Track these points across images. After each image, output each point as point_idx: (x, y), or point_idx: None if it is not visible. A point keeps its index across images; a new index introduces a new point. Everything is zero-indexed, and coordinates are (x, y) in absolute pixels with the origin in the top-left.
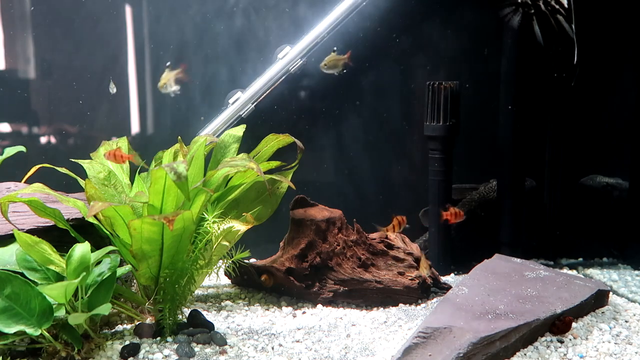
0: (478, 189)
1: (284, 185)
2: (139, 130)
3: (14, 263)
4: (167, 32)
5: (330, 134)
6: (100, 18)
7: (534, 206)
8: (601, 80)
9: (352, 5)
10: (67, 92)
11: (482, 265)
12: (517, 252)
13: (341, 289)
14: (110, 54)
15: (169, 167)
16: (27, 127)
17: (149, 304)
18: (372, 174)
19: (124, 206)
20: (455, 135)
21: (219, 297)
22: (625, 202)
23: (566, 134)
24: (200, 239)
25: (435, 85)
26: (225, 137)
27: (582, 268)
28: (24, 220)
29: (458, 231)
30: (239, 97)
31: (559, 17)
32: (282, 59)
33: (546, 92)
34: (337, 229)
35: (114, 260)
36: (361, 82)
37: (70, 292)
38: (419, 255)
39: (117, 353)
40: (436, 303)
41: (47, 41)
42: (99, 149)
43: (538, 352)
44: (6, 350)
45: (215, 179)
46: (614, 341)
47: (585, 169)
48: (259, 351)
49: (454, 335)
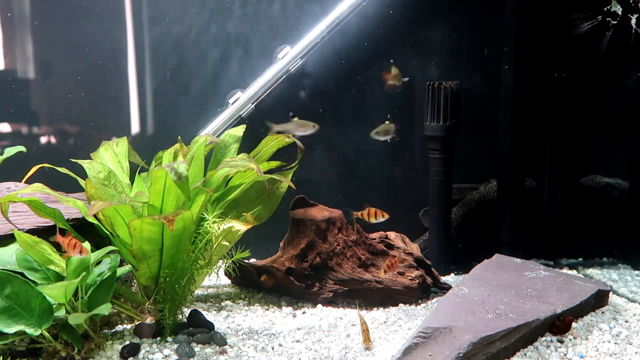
0: (478, 189)
1: (284, 185)
2: (139, 130)
3: (14, 263)
4: (167, 32)
5: (330, 134)
6: (101, 18)
7: (534, 206)
8: (601, 81)
9: (352, 5)
10: (68, 92)
11: (482, 265)
12: (517, 252)
13: (341, 289)
14: (110, 54)
15: (170, 167)
16: (27, 127)
17: (149, 304)
18: (372, 173)
19: (124, 206)
20: (455, 135)
21: (219, 297)
22: (625, 202)
23: (566, 134)
24: (200, 239)
25: (435, 85)
26: (225, 137)
27: (582, 268)
28: (24, 220)
29: (458, 231)
30: (239, 97)
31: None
32: (282, 59)
33: (546, 92)
34: (337, 229)
35: (114, 260)
36: (360, 83)
37: (70, 292)
38: (419, 255)
39: (117, 353)
40: (436, 303)
41: (47, 41)
42: (99, 149)
43: (538, 352)
44: (6, 350)
45: (215, 179)
46: (614, 341)
47: (585, 169)
48: (259, 351)
49: (454, 335)
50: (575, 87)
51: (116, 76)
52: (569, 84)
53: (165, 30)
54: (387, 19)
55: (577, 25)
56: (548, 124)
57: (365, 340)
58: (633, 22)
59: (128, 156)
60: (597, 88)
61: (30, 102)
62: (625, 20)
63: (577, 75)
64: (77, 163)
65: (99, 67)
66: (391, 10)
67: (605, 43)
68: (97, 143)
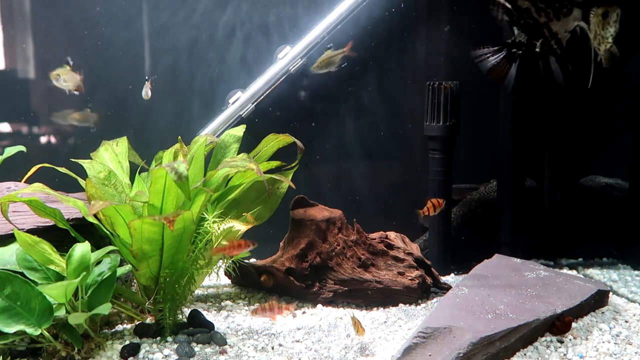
0: (478, 189)
1: (284, 185)
2: (139, 130)
3: (14, 263)
4: (167, 32)
5: (330, 134)
6: (100, 18)
7: (533, 206)
8: (601, 81)
9: (352, 5)
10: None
11: (482, 265)
12: (517, 252)
13: (341, 289)
14: (110, 54)
15: (170, 167)
16: (27, 127)
17: (149, 304)
18: (372, 173)
19: (125, 205)
20: (455, 135)
21: (219, 297)
22: (624, 202)
23: (566, 135)
24: (200, 238)
25: (435, 85)
26: (225, 137)
27: (582, 268)
28: (24, 220)
29: (458, 231)
30: (239, 97)
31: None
32: (282, 59)
33: (546, 93)
34: (337, 229)
35: (114, 260)
36: (361, 82)
37: (71, 291)
38: (419, 255)
39: (117, 353)
40: (436, 303)
41: (47, 41)
42: (99, 148)
43: (538, 352)
44: (6, 350)
45: (216, 179)
46: (613, 341)
47: (585, 169)
48: (259, 351)
49: (454, 335)
50: (574, 87)
51: (116, 76)
52: (570, 85)
53: (165, 29)
54: (387, 18)
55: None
56: (548, 124)
57: (359, 330)
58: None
59: (128, 156)
60: (596, 88)
61: (30, 102)
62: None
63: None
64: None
65: (99, 67)
66: (390, 10)
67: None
68: (97, 143)
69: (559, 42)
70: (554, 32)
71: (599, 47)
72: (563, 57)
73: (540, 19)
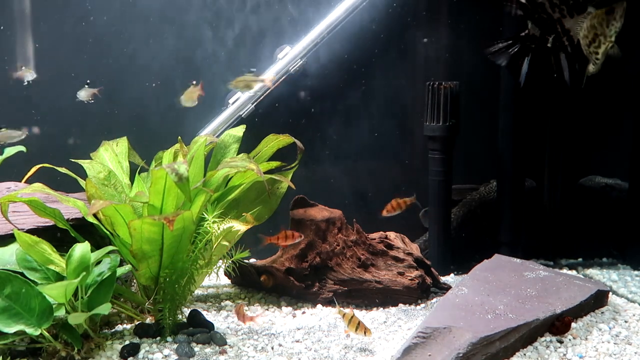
0: (478, 190)
1: (284, 186)
2: (139, 130)
3: (14, 263)
4: (167, 32)
5: (330, 134)
6: (100, 18)
7: (533, 206)
8: (601, 81)
9: (352, 5)
10: (68, 92)
11: (481, 265)
12: (517, 252)
13: (341, 289)
14: (109, 54)
15: (170, 167)
16: (27, 127)
17: (149, 304)
18: (372, 173)
19: (125, 205)
20: (455, 135)
21: (218, 297)
22: (624, 202)
23: (566, 135)
24: (200, 239)
25: (435, 85)
26: (225, 137)
27: (581, 268)
28: (24, 220)
29: (458, 231)
30: (239, 97)
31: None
32: (282, 59)
33: (546, 93)
34: (337, 229)
35: (114, 260)
36: (361, 82)
37: (70, 291)
38: (419, 256)
39: (117, 353)
40: (436, 303)
41: (47, 40)
42: (99, 149)
43: (537, 352)
44: (6, 350)
45: (215, 179)
46: (613, 341)
47: (584, 169)
48: (259, 351)
49: (454, 336)
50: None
51: (116, 76)
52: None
53: (165, 29)
54: (386, 17)
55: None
56: (548, 125)
57: (366, 332)
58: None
59: (128, 156)
60: (596, 88)
61: (31, 102)
62: None
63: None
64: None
65: (99, 67)
66: (390, 9)
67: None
68: (97, 143)
69: (570, 39)
70: (567, 28)
71: (589, 49)
72: (573, 55)
73: (554, 14)
